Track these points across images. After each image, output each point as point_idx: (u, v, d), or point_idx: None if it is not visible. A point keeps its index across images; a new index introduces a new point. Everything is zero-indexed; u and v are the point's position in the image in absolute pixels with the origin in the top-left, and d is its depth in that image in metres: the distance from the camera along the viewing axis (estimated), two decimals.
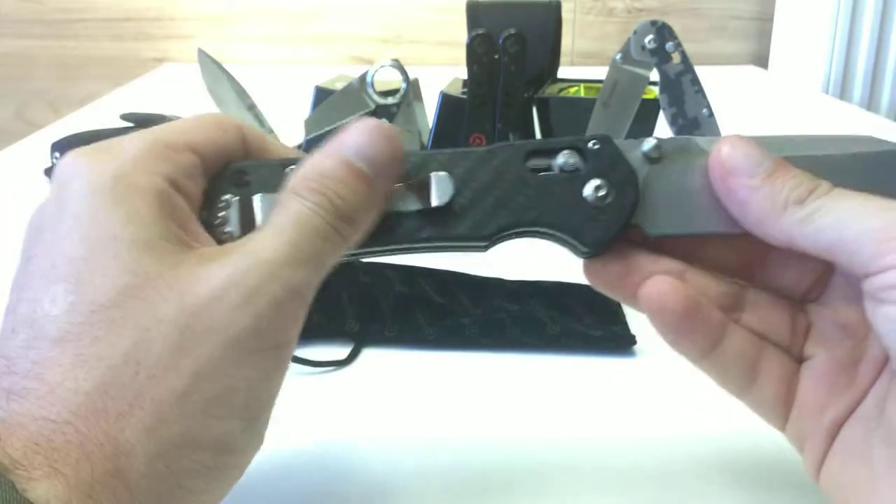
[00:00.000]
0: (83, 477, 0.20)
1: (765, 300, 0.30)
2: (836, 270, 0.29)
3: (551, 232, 0.28)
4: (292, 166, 0.27)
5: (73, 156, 0.25)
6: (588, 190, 0.28)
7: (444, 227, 0.28)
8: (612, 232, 0.28)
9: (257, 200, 0.27)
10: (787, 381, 0.29)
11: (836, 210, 0.25)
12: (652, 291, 0.28)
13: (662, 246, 0.29)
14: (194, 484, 0.22)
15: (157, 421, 0.21)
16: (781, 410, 0.29)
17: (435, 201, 0.27)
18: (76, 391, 0.21)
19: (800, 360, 0.29)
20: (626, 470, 0.33)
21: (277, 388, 0.25)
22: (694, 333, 0.28)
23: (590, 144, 0.28)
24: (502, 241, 0.29)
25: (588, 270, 0.30)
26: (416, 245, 0.28)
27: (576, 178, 0.28)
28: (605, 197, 0.28)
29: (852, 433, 0.27)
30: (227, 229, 0.27)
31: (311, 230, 0.24)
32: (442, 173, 0.27)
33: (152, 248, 0.23)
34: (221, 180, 0.27)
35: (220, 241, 0.26)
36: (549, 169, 0.28)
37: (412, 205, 0.28)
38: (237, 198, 0.27)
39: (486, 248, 0.29)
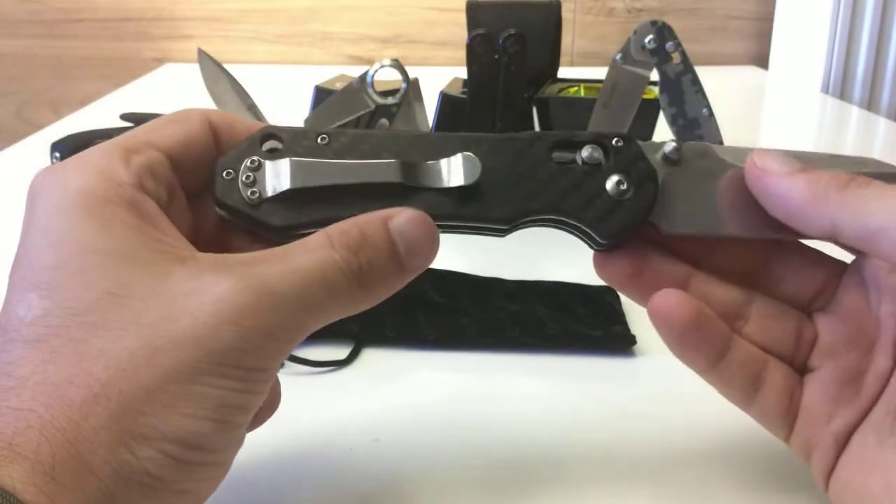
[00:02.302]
0: (44, 459, 0.21)
1: (770, 308, 0.30)
2: (843, 278, 0.30)
3: (570, 221, 0.29)
4: (324, 135, 0.28)
5: (41, 174, 0.25)
6: (609, 184, 0.29)
7: (465, 207, 0.28)
8: (629, 226, 0.29)
9: (287, 164, 0.27)
10: (790, 391, 0.29)
11: (883, 197, 0.25)
12: (660, 304, 0.28)
13: (673, 246, 0.30)
14: (164, 473, 0.22)
15: (123, 411, 0.22)
16: (784, 421, 0.29)
17: (462, 181, 0.28)
18: (43, 382, 0.22)
19: (803, 371, 0.30)
20: (625, 470, 0.33)
21: (255, 403, 0.25)
22: (700, 345, 0.28)
23: (613, 141, 0.29)
24: (521, 227, 0.29)
25: (598, 264, 0.30)
26: (435, 223, 0.28)
27: (598, 171, 0.29)
28: (625, 192, 0.29)
29: (864, 442, 0.27)
30: (254, 189, 0.27)
31: (327, 282, 0.24)
32: (470, 154, 0.28)
33: (134, 258, 0.23)
34: (252, 141, 0.28)
35: (248, 202, 0.27)
36: (572, 161, 0.29)
37: (438, 182, 0.28)
38: (269, 161, 0.28)
39: (505, 233, 0.29)
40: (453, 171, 0.28)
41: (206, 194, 0.29)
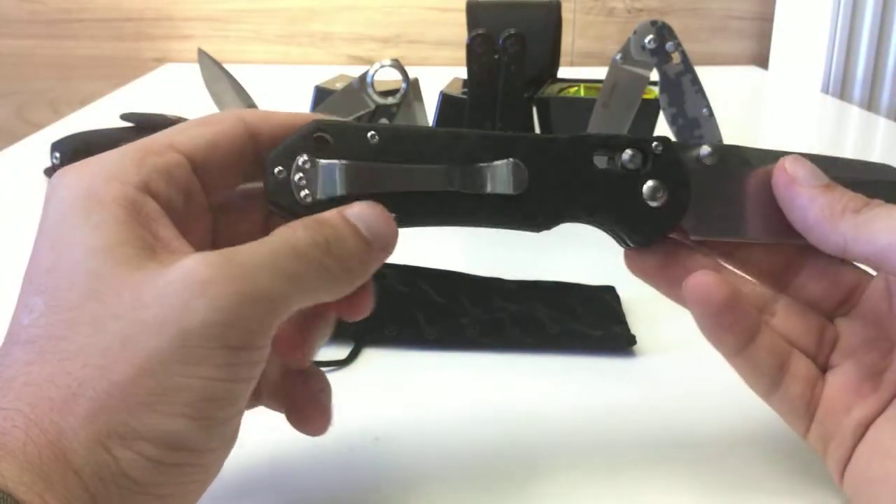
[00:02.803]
0: (31, 459, 0.21)
1: (795, 308, 0.31)
2: (869, 286, 0.31)
3: (605, 223, 0.30)
4: (374, 132, 0.28)
5: (58, 176, 0.25)
6: (645, 189, 0.29)
7: (507, 212, 0.29)
8: (662, 231, 0.30)
9: (340, 169, 0.27)
10: (812, 383, 0.30)
11: (891, 217, 0.27)
12: (697, 283, 0.29)
13: (701, 243, 0.31)
14: (141, 475, 0.22)
15: (98, 409, 0.21)
16: (805, 413, 0.30)
17: (510, 189, 0.28)
18: (28, 383, 0.22)
19: (824, 369, 0.31)
20: (625, 470, 0.33)
21: (239, 393, 0.24)
22: (733, 326, 0.29)
23: (653, 146, 0.29)
24: (556, 224, 0.30)
25: (629, 259, 0.31)
26: (472, 223, 0.29)
27: (635, 176, 0.29)
28: (660, 197, 0.29)
29: (881, 431, 0.28)
30: (307, 192, 0.27)
31: (295, 250, 0.24)
32: (519, 162, 0.28)
33: (111, 252, 0.23)
34: (301, 137, 0.28)
35: (300, 203, 0.27)
36: (610, 162, 0.29)
37: (485, 188, 0.28)
38: (321, 161, 0.27)
39: (540, 230, 0.30)
40: (500, 178, 0.28)
41: (242, 195, 0.29)
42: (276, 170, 0.27)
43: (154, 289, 0.22)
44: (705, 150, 0.30)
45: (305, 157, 0.27)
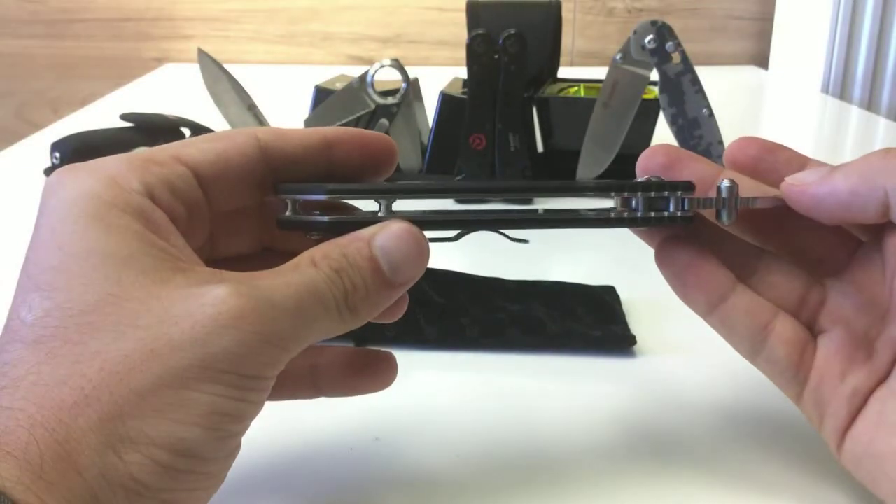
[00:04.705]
0: (32, 458, 0.21)
1: (777, 267, 0.31)
2: (860, 251, 0.30)
3: None
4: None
5: (58, 174, 0.25)
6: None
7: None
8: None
9: None
10: (800, 346, 0.30)
11: None
12: (664, 243, 0.30)
13: None
14: (150, 479, 0.22)
15: (114, 413, 0.22)
16: (794, 376, 0.30)
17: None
18: (37, 383, 0.22)
19: (811, 328, 0.30)
20: (625, 470, 0.33)
21: (248, 412, 0.24)
22: (700, 284, 0.30)
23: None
24: None
25: None
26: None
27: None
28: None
29: (886, 404, 0.28)
30: (318, 237, 0.28)
31: (317, 297, 0.25)
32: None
33: (135, 262, 0.23)
34: (313, 225, 0.28)
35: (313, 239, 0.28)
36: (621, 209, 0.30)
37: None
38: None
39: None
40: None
41: (248, 211, 0.30)
42: (289, 230, 0.28)
43: (186, 307, 0.23)
44: (724, 217, 0.29)
45: (316, 234, 0.28)
